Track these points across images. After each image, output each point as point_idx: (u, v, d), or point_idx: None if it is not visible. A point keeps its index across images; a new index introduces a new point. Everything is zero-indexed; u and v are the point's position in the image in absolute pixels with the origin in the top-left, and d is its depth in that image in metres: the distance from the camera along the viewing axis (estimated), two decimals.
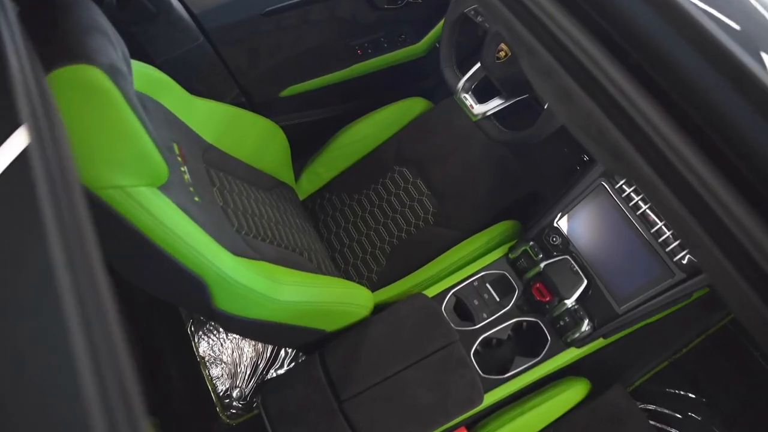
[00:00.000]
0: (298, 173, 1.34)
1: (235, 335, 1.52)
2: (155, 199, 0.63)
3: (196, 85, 1.16)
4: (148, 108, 0.81)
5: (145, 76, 0.85)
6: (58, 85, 0.53)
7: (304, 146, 1.34)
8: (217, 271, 0.69)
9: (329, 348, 1.00)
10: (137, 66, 0.83)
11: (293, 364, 1.49)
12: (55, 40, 0.55)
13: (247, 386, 1.49)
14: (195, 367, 1.50)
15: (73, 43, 0.55)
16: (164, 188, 0.68)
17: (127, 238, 0.64)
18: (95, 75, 0.54)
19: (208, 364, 1.52)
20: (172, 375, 1.46)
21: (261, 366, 1.51)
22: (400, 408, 0.93)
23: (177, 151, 0.83)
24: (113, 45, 0.60)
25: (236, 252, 0.78)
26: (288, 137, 1.22)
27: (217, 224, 0.80)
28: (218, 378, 1.49)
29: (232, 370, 1.51)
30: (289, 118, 1.35)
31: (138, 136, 0.59)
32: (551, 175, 1.31)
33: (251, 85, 1.26)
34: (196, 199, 0.79)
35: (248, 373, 1.50)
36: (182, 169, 0.81)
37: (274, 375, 1.50)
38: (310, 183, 1.35)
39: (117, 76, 0.57)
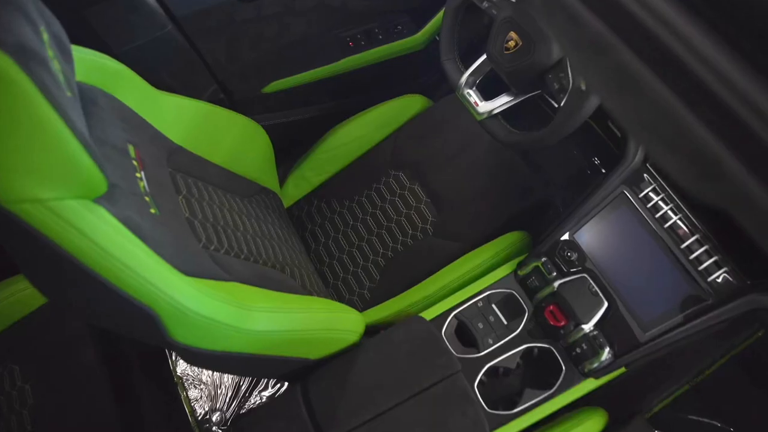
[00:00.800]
0: (283, 178, 1.25)
1: None
2: (87, 214, 0.52)
3: (167, 80, 1.06)
4: (97, 103, 0.70)
5: (96, 65, 0.73)
6: None
7: (291, 148, 1.26)
8: (169, 300, 0.58)
9: (313, 379, 0.89)
10: (86, 54, 0.72)
11: (278, 386, 1.37)
12: None
13: (228, 409, 1.38)
14: (172, 387, 1.39)
15: None
16: (104, 200, 0.57)
17: (53, 262, 0.52)
18: None
19: (186, 384, 1.41)
20: (146, 396, 1.35)
21: (244, 388, 1.40)
22: None
23: (133, 154, 0.72)
24: (32, 22, 0.48)
25: (199, 273, 0.67)
26: (272, 138, 1.14)
27: (178, 240, 0.69)
28: (197, 400, 1.39)
29: (212, 392, 1.40)
30: (274, 116, 1.27)
31: (58, 136, 0.47)
32: (560, 180, 1.21)
33: (231, 81, 1.16)
34: (153, 210, 0.68)
35: (230, 395, 1.39)
36: (137, 175, 0.70)
37: (259, 398, 1.39)
38: (296, 188, 1.26)
39: (30, 60, 0.45)
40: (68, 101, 0.51)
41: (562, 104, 0.80)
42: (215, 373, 1.41)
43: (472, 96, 0.95)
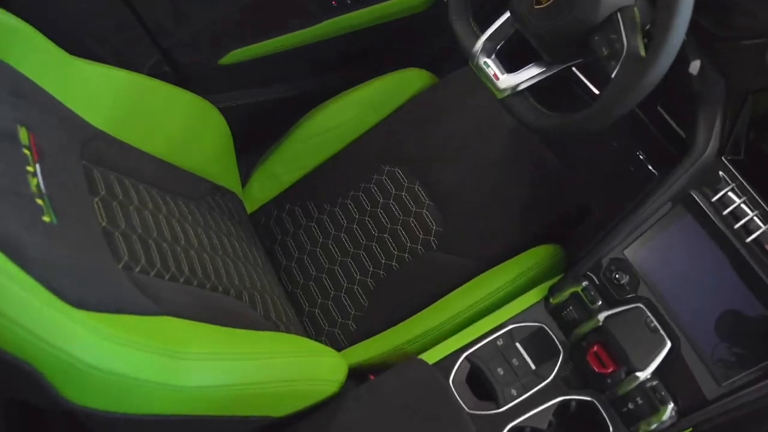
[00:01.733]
0: (246, 175, 1.21)
1: None
2: None
3: (92, 47, 1.01)
4: None
5: None
6: None
7: (256, 136, 1.22)
8: (54, 353, 0.49)
9: None
10: None
11: None
12: None
13: None
14: None
15: None
16: None
17: None
18: None
19: None
20: None
21: None
22: None
23: (25, 140, 0.65)
24: None
25: (112, 306, 0.59)
26: (232, 123, 1.09)
27: (83, 259, 0.61)
28: None
29: None
30: (234, 96, 1.22)
31: None
32: (595, 179, 1.15)
33: (178, 49, 1.11)
34: (47, 218, 0.60)
35: None
36: (29, 168, 0.62)
37: None
38: (263, 189, 1.21)
39: None
40: None
41: (614, 75, 0.72)
42: None
43: (491, 67, 0.87)
